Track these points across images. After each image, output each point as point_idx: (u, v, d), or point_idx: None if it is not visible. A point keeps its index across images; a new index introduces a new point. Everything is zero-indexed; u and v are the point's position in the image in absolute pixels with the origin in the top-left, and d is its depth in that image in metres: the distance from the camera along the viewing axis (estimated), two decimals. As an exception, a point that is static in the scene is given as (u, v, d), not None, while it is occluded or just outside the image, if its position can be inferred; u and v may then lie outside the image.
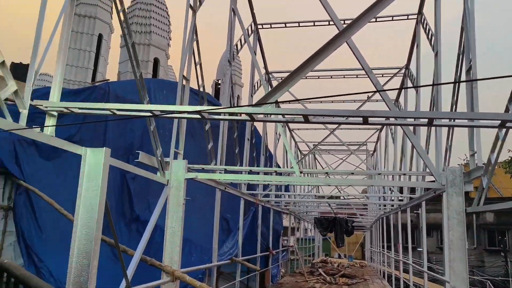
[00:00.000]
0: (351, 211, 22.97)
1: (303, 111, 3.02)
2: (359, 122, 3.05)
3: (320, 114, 2.99)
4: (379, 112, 2.81)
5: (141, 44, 21.27)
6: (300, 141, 19.77)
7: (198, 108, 3.12)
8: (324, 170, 12.35)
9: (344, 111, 2.89)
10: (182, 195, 5.77)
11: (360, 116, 2.89)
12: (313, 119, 3.08)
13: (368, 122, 2.98)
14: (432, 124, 2.92)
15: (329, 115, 2.95)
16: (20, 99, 3.08)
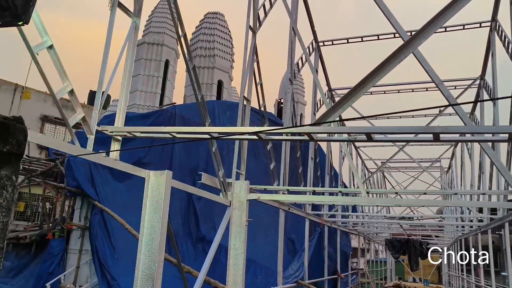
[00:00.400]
0: (426, 232, 21.60)
1: (365, 129, 2.83)
2: (429, 139, 2.79)
3: (384, 131, 2.79)
4: (452, 128, 2.54)
5: (206, 68, 22.04)
6: (367, 159, 19.10)
7: (256, 129, 3.06)
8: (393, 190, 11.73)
9: (411, 128, 2.66)
10: (244, 216, 5.71)
11: (430, 133, 2.64)
12: (377, 137, 2.88)
13: (439, 139, 2.72)
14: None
15: (395, 133, 2.74)
16: (88, 125, 3.23)
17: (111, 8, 3.43)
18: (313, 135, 3.01)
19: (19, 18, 1.78)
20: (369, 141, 2.87)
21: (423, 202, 6.81)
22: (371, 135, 2.82)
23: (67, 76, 2.93)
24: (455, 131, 2.61)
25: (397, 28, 4.20)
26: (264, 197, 6.18)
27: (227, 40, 23.89)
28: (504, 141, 2.75)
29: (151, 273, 3.63)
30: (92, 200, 9.73)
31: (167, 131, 3.44)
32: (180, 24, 4.54)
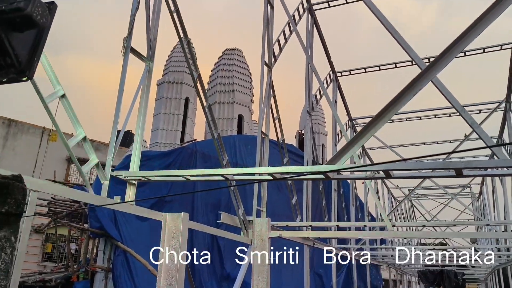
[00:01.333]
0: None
1: (384, 166, 2.70)
2: (451, 175, 2.64)
3: (402, 168, 2.66)
4: (475, 162, 2.40)
5: (226, 103, 22.35)
6: (393, 187, 18.62)
7: (270, 170, 2.98)
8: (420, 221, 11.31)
9: (431, 164, 2.52)
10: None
11: (452, 168, 2.49)
12: (396, 173, 2.75)
13: (462, 175, 2.57)
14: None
15: (414, 169, 2.61)
16: (102, 171, 3.22)
17: (124, 54, 3.50)
18: (329, 174, 2.91)
19: (23, 74, 1.79)
20: (387, 178, 2.75)
21: (453, 235, 6.48)
22: (389, 173, 2.70)
23: (79, 124, 2.95)
24: (478, 165, 2.47)
25: (413, 57, 4.11)
26: (286, 234, 6.02)
27: (246, 75, 24.26)
28: (534, 174, 2.58)
29: (169, 321, 3.51)
30: (115, 241, 9.71)
31: (181, 174, 3.41)
32: (194, 65, 4.59)
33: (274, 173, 3.01)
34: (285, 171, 3.00)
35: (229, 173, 3.22)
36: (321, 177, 2.99)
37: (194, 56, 4.78)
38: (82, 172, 2.95)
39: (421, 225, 6.61)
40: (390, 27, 3.81)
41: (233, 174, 3.23)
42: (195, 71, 4.53)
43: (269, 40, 6.62)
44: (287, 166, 2.86)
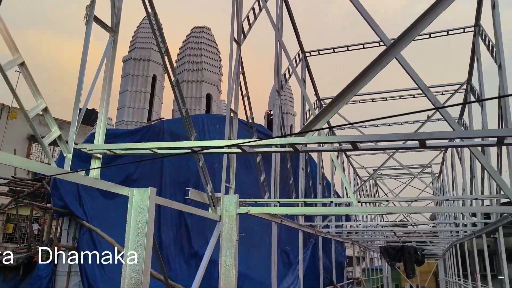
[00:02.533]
0: (420, 238, 21.55)
1: (351, 137, 2.75)
2: (415, 146, 2.72)
3: (369, 140, 2.70)
4: (438, 133, 2.47)
5: (194, 82, 21.98)
6: (358, 167, 19.09)
7: (238, 142, 2.97)
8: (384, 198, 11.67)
9: (396, 135, 2.58)
10: (235, 231, 5.59)
11: (416, 139, 2.56)
12: (363, 145, 2.80)
13: (426, 146, 2.65)
14: (503, 143, 2.53)
15: (380, 141, 2.66)
16: (64, 144, 3.11)
17: (87, 22, 3.35)
18: (298, 146, 2.93)
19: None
20: (355, 150, 2.80)
21: (415, 209, 6.73)
22: (356, 144, 2.74)
23: (40, 94, 2.82)
24: (441, 136, 2.54)
25: (380, 35, 4.16)
26: (254, 210, 6.06)
27: (215, 54, 23.93)
28: (493, 145, 2.68)
29: (136, 296, 3.49)
30: (80, 220, 9.52)
31: (148, 147, 3.34)
32: (161, 38, 4.46)
33: (243, 146, 3.00)
34: (255, 143, 2.99)
35: (197, 145, 3.18)
36: (290, 150, 3.01)
37: (161, 29, 4.64)
38: (44, 145, 2.83)
39: (385, 200, 6.83)
40: (357, 4, 3.82)
41: (201, 147, 3.19)
42: (162, 44, 4.41)
43: (238, 16, 6.52)
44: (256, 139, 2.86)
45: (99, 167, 3.41)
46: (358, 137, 2.71)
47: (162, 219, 11.12)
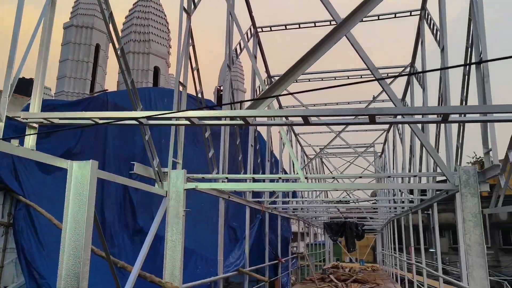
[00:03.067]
0: (361, 214, 22.59)
1: (302, 111, 2.73)
2: (365, 121, 2.76)
3: (320, 114, 2.70)
4: (387, 109, 2.52)
5: (141, 53, 21.06)
6: (306, 146, 19.48)
7: (189, 113, 2.85)
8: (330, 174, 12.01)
9: (347, 110, 2.59)
10: (182, 207, 5.50)
11: (366, 115, 2.59)
12: (314, 120, 2.80)
13: (375, 121, 2.70)
14: (447, 121, 2.63)
15: (331, 115, 2.67)
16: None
17: (20, -22, 3.03)
18: (249, 119, 2.87)
19: None
20: (306, 125, 2.79)
21: (358, 186, 7.00)
22: (308, 118, 2.73)
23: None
24: (391, 112, 2.59)
25: (331, 12, 4.15)
26: (202, 186, 5.99)
27: (163, 25, 23.10)
28: (437, 122, 2.78)
29: (76, 273, 3.33)
30: (16, 195, 8.96)
31: (89, 117, 3.13)
32: (105, 2, 4.17)
33: (192, 118, 2.89)
34: (204, 115, 2.89)
35: (143, 116, 3.02)
36: (241, 123, 2.95)
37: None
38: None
39: (331, 177, 7.01)
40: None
41: (148, 118, 3.05)
42: (106, 8, 4.12)
43: (189, -15, 6.27)
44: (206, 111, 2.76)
45: (35, 133, 3.15)
46: (309, 111, 2.69)
47: (106, 195, 10.75)
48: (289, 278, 15.82)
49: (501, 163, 4.58)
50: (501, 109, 2.47)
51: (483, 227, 5.23)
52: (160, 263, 6.02)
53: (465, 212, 5.26)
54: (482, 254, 5.10)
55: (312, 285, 15.28)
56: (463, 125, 5.85)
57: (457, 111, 2.54)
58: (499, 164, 4.64)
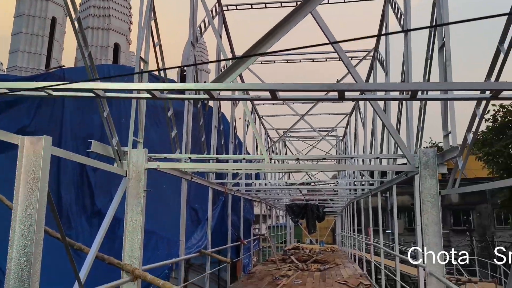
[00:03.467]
0: (322, 196, 23.04)
1: (270, 85, 2.64)
2: (334, 97, 2.71)
3: (289, 89, 2.62)
4: (357, 85, 2.48)
5: (100, 29, 20.13)
6: (270, 128, 19.51)
7: (149, 87, 2.69)
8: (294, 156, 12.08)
9: (317, 85, 2.52)
10: (142, 187, 5.33)
11: (336, 90, 2.54)
12: (282, 95, 2.72)
13: (344, 98, 2.65)
14: (415, 98, 2.62)
15: (300, 90, 2.59)
16: None
17: None
18: (214, 93, 2.75)
19: None
20: (273, 100, 2.71)
21: (321, 167, 7.07)
22: (275, 93, 2.65)
23: None
24: (360, 88, 2.55)
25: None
26: (164, 165, 5.83)
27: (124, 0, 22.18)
28: (403, 99, 2.77)
29: (27, 255, 3.14)
30: (-37, 175, 8.42)
31: (41, 87, 2.89)
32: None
33: (153, 90, 2.73)
34: (166, 88, 2.73)
35: (101, 87, 2.83)
36: (205, 97, 2.82)
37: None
38: None
39: (295, 158, 7.02)
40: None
41: (105, 90, 2.86)
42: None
43: (151, -45, 5.96)
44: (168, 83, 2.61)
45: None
46: (278, 85, 2.61)
47: (62, 176, 10.33)
48: (250, 260, 15.97)
49: (460, 146, 4.71)
50: (468, 86, 2.49)
51: (440, 209, 5.39)
52: (119, 246, 5.85)
53: (423, 193, 5.41)
54: (438, 234, 5.28)
55: (274, 266, 15.50)
56: (424, 108, 5.97)
57: (426, 88, 2.54)
58: (457, 146, 4.76)
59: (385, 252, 11.71)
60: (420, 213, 5.88)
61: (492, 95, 2.48)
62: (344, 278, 12.53)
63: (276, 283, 11.38)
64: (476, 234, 32.80)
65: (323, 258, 18.11)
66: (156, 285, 4.58)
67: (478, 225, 33.55)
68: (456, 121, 5.02)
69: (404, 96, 2.73)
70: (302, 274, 13.74)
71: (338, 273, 13.93)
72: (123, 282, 4.77)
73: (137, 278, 4.75)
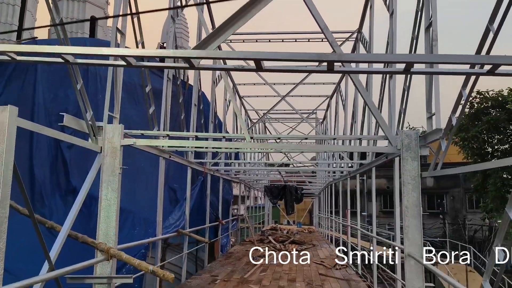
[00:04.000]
0: (301, 178, 23.17)
1: (255, 54, 2.46)
2: (323, 69, 2.57)
3: (275, 58, 2.46)
4: (347, 55, 2.34)
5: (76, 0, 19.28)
6: (250, 109, 19.33)
7: (124, 52, 2.49)
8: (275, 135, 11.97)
9: (306, 55, 2.37)
10: (117, 164, 5.13)
11: (325, 61, 2.39)
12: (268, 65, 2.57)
13: (333, 69, 2.51)
14: (409, 71, 2.50)
15: (288, 60, 2.43)
16: None
17: None
18: (194, 62, 2.57)
19: None
20: (258, 70, 2.55)
21: (303, 147, 6.97)
22: (260, 63, 2.49)
23: None
24: (351, 58, 2.42)
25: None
26: (141, 142, 5.62)
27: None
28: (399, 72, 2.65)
29: (-9, 232, 2.94)
30: None
31: (4, 50, 2.63)
32: None
33: (129, 57, 2.52)
34: (142, 54, 2.53)
35: (71, 52, 2.60)
36: (185, 65, 2.63)
37: None
38: None
39: (277, 138, 6.90)
40: None
41: (76, 55, 2.63)
42: None
43: None
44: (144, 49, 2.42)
45: None
46: (263, 54, 2.44)
47: (36, 152, 9.96)
48: (229, 240, 15.97)
49: (444, 128, 4.66)
50: (463, 59, 2.38)
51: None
52: (95, 225, 5.66)
53: (404, 176, 5.39)
54: (418, 216, 5.28)
55: (251, 246, 15.55)
56: (407, 90, 5.90)
57: (417, 60, 2.43)
58: (441, 129, 4.72)
59: (363, 233, 11.85)
60: (399, 196, 5.88)
61: (489, 70, 2.38)
62: (321, 259, 12.66)
63: (253, 263, 11.41)
64: (449, 217, 33.76)
65: (300, 239, 18.28)
66: (131, 264, 4.44)
67: (451, 208, 34.51)
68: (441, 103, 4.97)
69: (394, 69, 2.62)
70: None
71: (315, 254, 14.08)
72: (97, 261, 4.60)
73: (112, 258, 4.59)
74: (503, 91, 19.59)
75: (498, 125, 18.92)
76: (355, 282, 9.14)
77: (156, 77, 9.99)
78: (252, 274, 9.76)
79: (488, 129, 19.28)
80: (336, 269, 10.83)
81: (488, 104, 19.63)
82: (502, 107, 19.11)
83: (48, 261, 3.78)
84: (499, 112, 19.05)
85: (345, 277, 9.74)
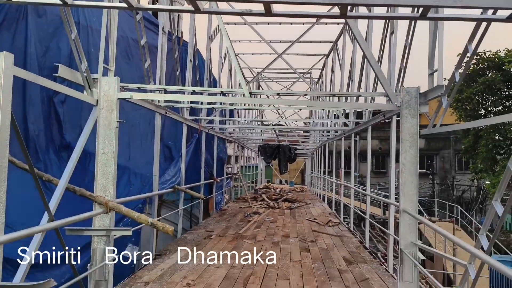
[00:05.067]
0: (294, 138, 23.25)
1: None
2: (336, 14, 2.45)
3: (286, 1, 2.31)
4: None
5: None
6: (245, 67, 19.06)
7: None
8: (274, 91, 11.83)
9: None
10: (114, 117, 5.04)
11: (339, 4, 2.27)
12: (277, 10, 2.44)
13: (346, 14, 2.40)
14: (425, 17, 2.40)
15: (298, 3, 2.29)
16: None
17: None
18: (199, 4, 2.45)
19: None
20: (267, 15, 2.43)
21: (301, 103, 6.90)
22: (270, 6, 2.37)
23: None
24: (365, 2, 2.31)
25: None
26: (137, 96, 5.53)
27: None
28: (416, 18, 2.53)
29: (-9, 182, 2.90)
30: None
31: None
32: None
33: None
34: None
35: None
36: (190, 9, 2.49)
37: None
38: None
39: (276, 93, 6.82)
40: None
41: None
42: None
43: None
44: None
45: None
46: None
47: (29, 107, 9.77)
48: (223, 197, 16.16)
49: (446, 85, 4.61)
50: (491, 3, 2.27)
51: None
52: (90, 181, 5.64)
53: (403, 133, 5.38)
54: (414, 173, 5.32)
55: (245, 203, 15.78)
56: (409, 46, 5.79)
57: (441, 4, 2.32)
58: (443, 85, 4.67)
59: (356, 191, 12.03)
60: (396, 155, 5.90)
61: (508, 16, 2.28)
62: (314, 216, 12.91)
63: (247, 220, 11.61)
64: (438, 177, 34.38)
65: (293, 197, 18.57)
66: (130, 217, 4.46)
67: (440, 169, 35.10)
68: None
69: (414, 14, 2.52)
70: (273, 211, 14.07)
71: (308, 211, 14.34)
72: (96, 213, 4.62)
73: (111, 210, 4.60)
74: (500, 52, 19.39)
75: (493, 86, 18.86)
76: (347, 238, 9.37)
77: (150, 33, 9.70)
78: (247, 230, 9.95)
79: (483, 91, 19.24)
80: (329, 226, 11.07)
81: (485, 65, 19.47)
82: (498, 69, 18.99)
83: (48, 212, 3.77)
84: (495, 74, 18.94)
85: (338, 233, 9.97)
